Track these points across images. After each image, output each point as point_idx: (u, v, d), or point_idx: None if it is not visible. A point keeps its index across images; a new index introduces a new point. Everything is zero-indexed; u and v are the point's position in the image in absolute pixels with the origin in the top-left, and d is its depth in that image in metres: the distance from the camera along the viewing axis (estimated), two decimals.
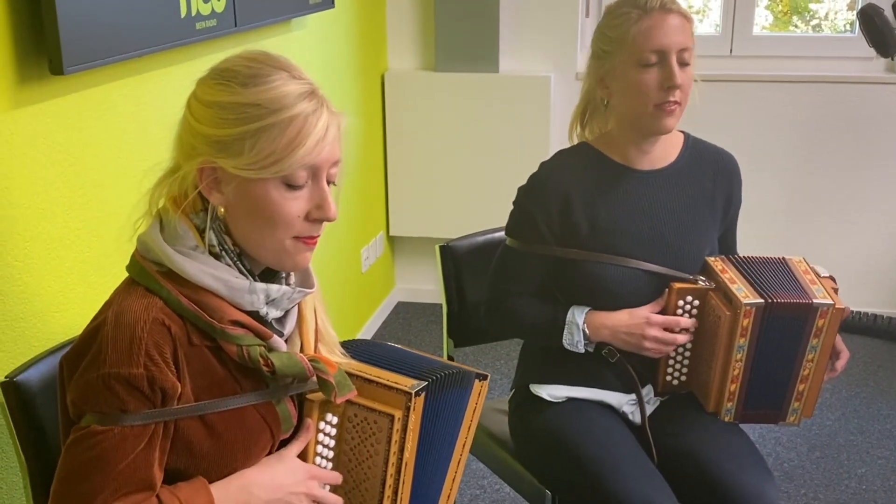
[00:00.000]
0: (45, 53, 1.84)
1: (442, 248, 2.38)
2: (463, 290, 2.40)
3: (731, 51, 4.19)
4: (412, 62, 4.31)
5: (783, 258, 2.10)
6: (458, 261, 2.39)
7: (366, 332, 4.17)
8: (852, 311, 4.14)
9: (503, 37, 4.14)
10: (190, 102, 1.42)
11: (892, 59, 3.21)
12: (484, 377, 1.71)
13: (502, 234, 2.41)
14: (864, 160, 4.14)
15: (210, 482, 1.44)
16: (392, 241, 4.53)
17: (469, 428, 1.73)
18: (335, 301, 3.72)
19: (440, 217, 4.33)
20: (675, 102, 1.97)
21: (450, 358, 2.41)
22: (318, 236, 1.46)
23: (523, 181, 2.13)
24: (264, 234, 1.42)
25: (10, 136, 1.83)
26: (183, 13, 2.26)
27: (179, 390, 1.37)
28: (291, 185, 1.40)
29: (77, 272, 2.05)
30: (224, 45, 2.60)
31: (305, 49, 3.28)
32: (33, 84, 1.87)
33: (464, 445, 1.74)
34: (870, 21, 2.49)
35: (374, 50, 4.09)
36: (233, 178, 1.39)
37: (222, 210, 1.43)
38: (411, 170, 4.30)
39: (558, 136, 4.18)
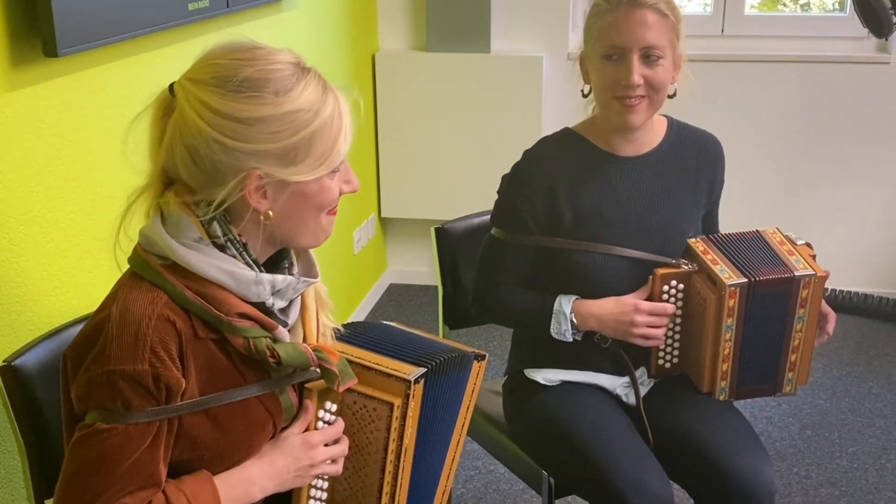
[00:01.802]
0: (39, 36, 1.83)
1: (437, 231, 2.38)
2: (458, 272, 2.40)
3: (722, 31, 4.19)
4: (403, 42, 4.29)
5: (757, 231, 2.12)
6: (453, 243, 2.39)
7: (358, 313, 4.17)
8: (843, 291, 4.19)
9: (495, 17, 4.13)
10: (212, 123, 1.34)
11: (887, 40, 3.21)
12: (482, 357, 1.72)
13: None
14: (854, 140, 4.15)
15: (213, 473, 1.45)
16: (384, 222, 4.53)
17: (468, 408, 1.74)
18: (328, 283, 3.70)
19: (432, 198, 4.33)
20: (639, 97, 1.97)
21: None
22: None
23: (515, 161, 2.12)
24: (309, 220, 1.45)
25: (4, 118, 1.82)
26: None
27: (184, 386, 1.37)
28: (334, 171, 1.44)
29: (71, 255, 2.05)
30: (216, 26, 2.59)
31: (296, 29, 3.27)
32: (26, 66, 1.86)
33: (462, 426, 1.75)
34: (864, 1, 2.49)
35: (364, 30, 4.08)
36: (288, 184, 1.39)
37: (271, 214, 1.41)
38: (402, 151, 4.29)
39: (550, 117, 4.18)
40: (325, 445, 1.55)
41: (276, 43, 1.48)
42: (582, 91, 2.09)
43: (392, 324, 1.79)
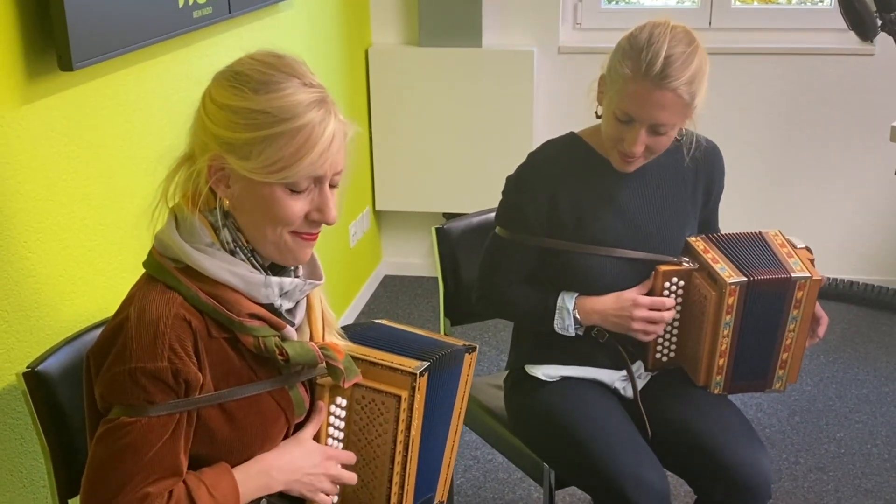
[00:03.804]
0: (54, 49, 1.88)
1: (438, 231, 2.44)
2: (458, 270, 2.46)
3: (710, 23, 4.24)
4: (395, 37, 4.34)
5: (760, 232, 2.18)
6: (453, 242, 2.45)
7: (355, 306, 4.23)
8: (830, 279, 4.27)
9: (486, 11, 4.17)
10: (205, 100, 1.47)
11: (872, 42, 3.27)
12: (472, 349, 1.79)
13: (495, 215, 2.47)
14: (841, 131, 4.22)
15: (230, 466, 1.52)
16: (378, 215, 4.58)
17: (462, 399, 1.82)
18: (325, 277, 3.76)
19: (425, 191, 4.38)
20: (635, 157, 2.01)
21: (446, 334, 2.48)
22: (317, 233, 1.53)
23: (507, 155, 2.17)
24: (266, 229, 1.48)
25: (21, 131, 1.87)
26: (181, 3, 2.30)
27: (202, 381, 1.44)
28: (294, 190, 1.46)
29: (86, 261, 2.10)
30: (219, 31, 2.64)
31: (292, 29, 3.31)
32: (41, 79, 1.91)
33: (459, 416, 1.83)
34: (849, 4, 2.55)
35: (357, 25, 4.12)
36: (240, 177, 1.44)
37: (227, 202, 1.48)
38: (396, 144, 4.34)
39: (542, 110, 4.24)
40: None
41: (273, 42, 1.53)
42: (595, 112, 2.10)
43: (383, 322, 1.86)
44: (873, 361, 3.82)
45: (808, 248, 2.16)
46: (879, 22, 2.58)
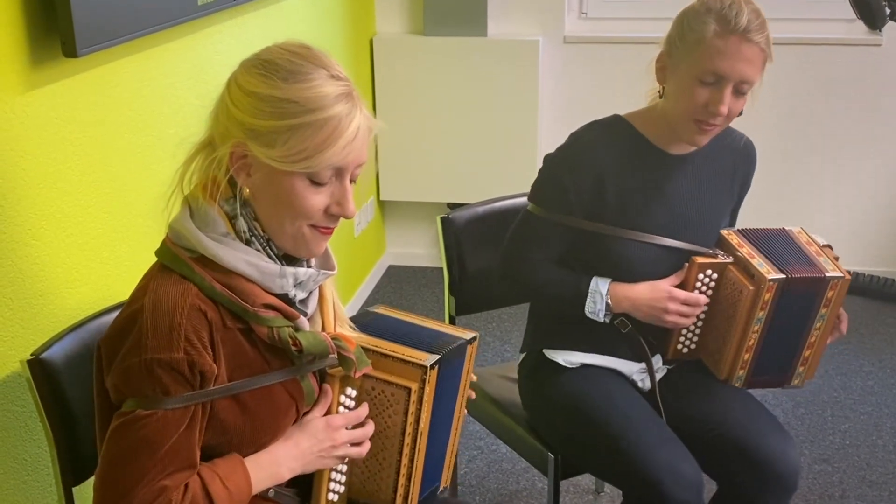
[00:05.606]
0: (58, 36, 1.87)
1: (443, 220, 2.43)
2: (464, 260, 2.45)
3: None
4: (400, 26, 4.33)
5: (783, 229, 2.16)
6: (458, 232, 2.44)
7: (359, 296, 4.23)
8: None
9: (491, 1, 4.16)
10: (230, 85, 1.47)
11: (880, 32, 3.26)
12: (473, 339, 1.78)
13: (501, 204, 2.47)
14: (845, 121, 4.21)
15: (241, 456, 1.51)
16: (382, 205, 4.58)
17: (464, 387, 1.81)
18: None
19: (430, 181, 4.38)
20: (715, 124, 2.00)
21: (451, 322, 2.47)
22: (334, 227, 1.53)
23: (512, 145, 2.15)
24: (285, 221, 1.48)
25: (25, 118, 1.86)
26: None
27: (216, 372, 1.43)
28: (316, 182, 1.45)
29: (90, 248, 2.10)
30: (224, 18, 2.63)
31: (296, 15, 3.30)
32: (45, 66, 1.90)
33: (461, 404, 1.82)
34: None
35: (362, 14, 4.11)
36: (262, 166, 1.44)
37: (247, 191, 1.48)
38: (401, 134, 4.33)
39: (546, 100, 4.22)
40: (348, 429, 1.61)
41: (277, 30, 1.51)
42: (659, 92, 2.08)
43: (381, 310, 1.85)
44: (878, 353, 3.82)
45: (829, 247, 2.15)
46: (888, 11, 2.57)
